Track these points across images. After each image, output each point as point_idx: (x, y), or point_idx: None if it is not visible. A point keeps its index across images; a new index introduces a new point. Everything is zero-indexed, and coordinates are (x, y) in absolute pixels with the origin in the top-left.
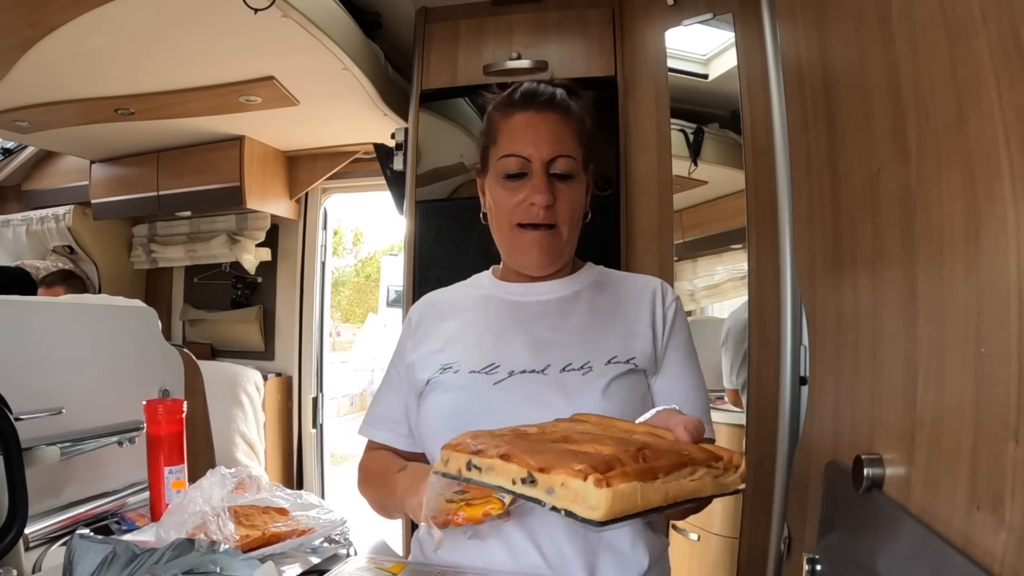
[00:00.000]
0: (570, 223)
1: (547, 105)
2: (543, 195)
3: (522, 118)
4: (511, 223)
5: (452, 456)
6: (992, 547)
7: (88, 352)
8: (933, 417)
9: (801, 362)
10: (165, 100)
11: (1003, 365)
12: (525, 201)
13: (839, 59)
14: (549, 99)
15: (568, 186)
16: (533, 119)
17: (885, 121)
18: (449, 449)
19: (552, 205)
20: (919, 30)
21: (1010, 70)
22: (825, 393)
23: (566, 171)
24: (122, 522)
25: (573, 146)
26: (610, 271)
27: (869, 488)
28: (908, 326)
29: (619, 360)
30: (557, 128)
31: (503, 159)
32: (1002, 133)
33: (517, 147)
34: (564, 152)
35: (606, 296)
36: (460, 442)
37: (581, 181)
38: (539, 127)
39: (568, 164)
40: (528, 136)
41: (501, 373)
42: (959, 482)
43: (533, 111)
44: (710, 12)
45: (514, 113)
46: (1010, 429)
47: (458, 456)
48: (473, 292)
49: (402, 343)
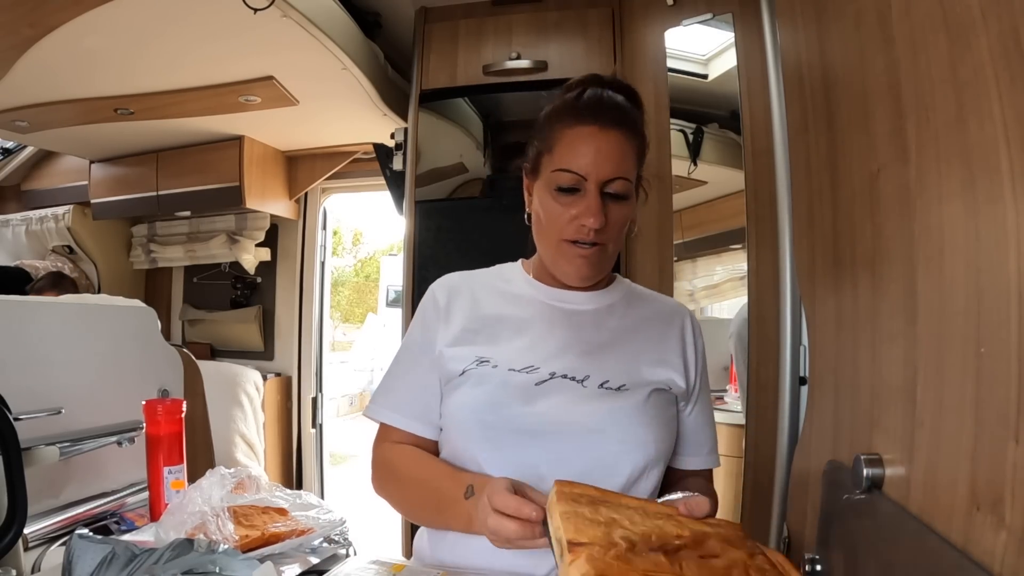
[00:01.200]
0: (616, 241)
1: (612, 122)
2: (596, 218)
3: (584, 132)
4: (559, 237)
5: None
6: (992, 547)
7: (87, 352)
8: (933, 417)
9: (801, 362)
10: (164, 100)
11: (1003, 365)
12: (576, 220)
13: (839, 59)
14: (615, 116)
15: (620, 206)
16: (595, 136)
17: (885, 121)
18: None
19: (603, 227)
20: (919, 30)
21: (1010, 70)
22: (825, 393)
23: (621, 192)
24: (121, 522)
25: (631, 167)
26: (637, 288)
27: (869, 488)
28: (908, 326)
29: (653, 383)
30: (619, 149)
31: (558, 172)
32: (1002, 133)
33: (575, 164)
34: (622, 174)
35: (636, 314)
36: (599, 537)
37: (633, 200)
38: (601, 146)
39: (624, 186)
40: (589, 154)
41: (542, 374)
42: (959, 482)
43: (597, 127)
44: (710, 12)
45: (576, 125)
46: (1010, 429)
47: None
48: (506, 287)
49: (429, 325)
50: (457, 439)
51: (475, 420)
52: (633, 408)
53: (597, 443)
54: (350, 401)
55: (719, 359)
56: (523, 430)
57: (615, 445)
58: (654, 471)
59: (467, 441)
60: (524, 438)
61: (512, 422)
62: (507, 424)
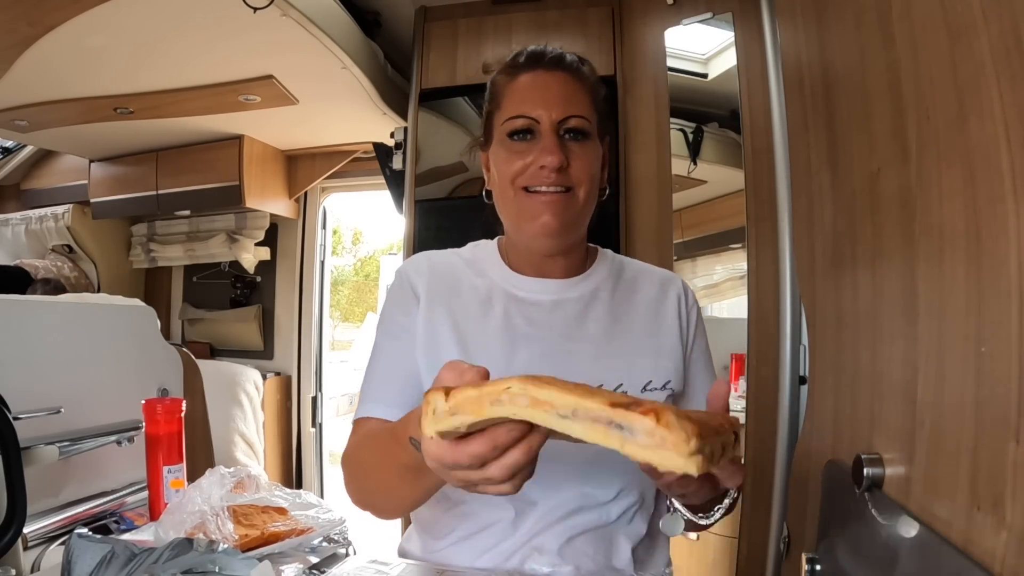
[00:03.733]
0: (587, 186)
1: (556, 64)
2: (554, 155)
3: (529, 78)
4: (517, 187)
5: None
6: (992, 547)
7: (87, 351)
8: (933, 417)
9: (801, 362)
10: (164, 99)
11: (1003, 364)
12: (533, 164)
13: (839, 58)
14: (558, 58)
15: (582, 146)
16: (541, 77)
17: (885, 120)
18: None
19: (565, 168)
20: (919, 29)
21: (1011, 69)
22: (825, 393)
23: (580, 128)
24: (121, 521)
25: (587, 108)
26: (625, 260)
27: (869, 488)
28: (908, 325)
29: (655, 387)
30: (568, 87)
31: (508, 121)
32: (1003, 132)
33: (524, 107)
34: (577, 112)
35: (625, 295)
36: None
37: (596, 146)
38: (549, 85)
39: (582, 123)
40: (536, 95)
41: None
42: (959, 482)
43: (541, 70)
44: (709, 11)
45: (519, 74)
46: (1011, 429)
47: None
48: (476, 279)
49: (407, 312)
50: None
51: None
52: None
53: (589, 475)
54: (350, 400)
55: (719, 359)
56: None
57: (608, 478)
58: (650, 496)
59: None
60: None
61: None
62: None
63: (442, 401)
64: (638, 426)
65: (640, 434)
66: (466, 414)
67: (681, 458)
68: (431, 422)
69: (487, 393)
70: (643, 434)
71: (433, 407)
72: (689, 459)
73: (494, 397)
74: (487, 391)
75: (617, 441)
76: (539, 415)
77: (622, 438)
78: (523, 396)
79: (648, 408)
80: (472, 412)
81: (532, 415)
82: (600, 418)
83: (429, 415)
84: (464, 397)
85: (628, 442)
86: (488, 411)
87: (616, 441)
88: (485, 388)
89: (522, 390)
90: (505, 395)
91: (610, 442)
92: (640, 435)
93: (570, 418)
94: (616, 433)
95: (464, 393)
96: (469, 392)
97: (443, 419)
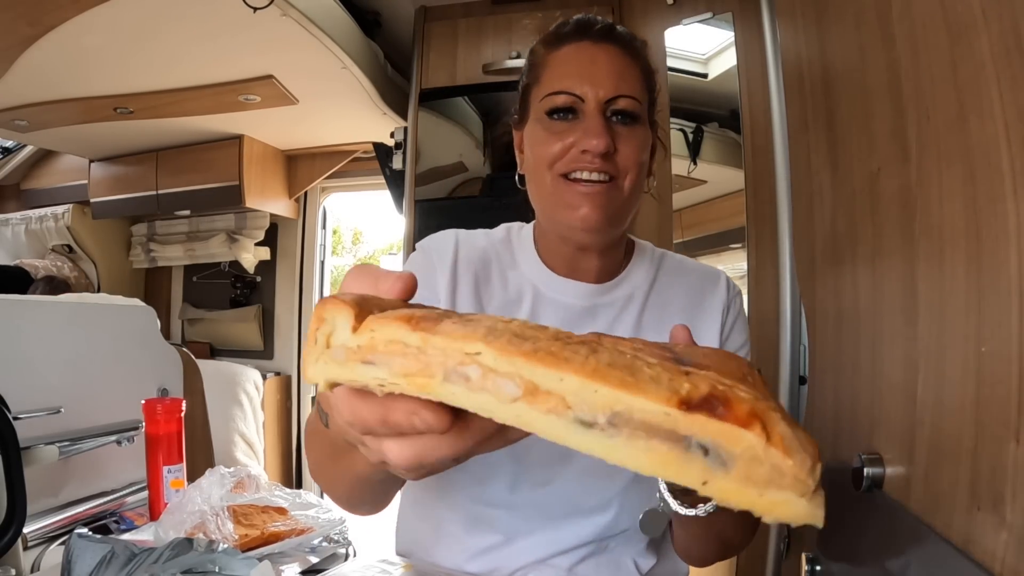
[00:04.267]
0: (634, 177)
1: (607, 36)
2: (600, 138)
3: (574, 49)
4: (554, 173)
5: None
6: (992, 547)
7: (87, 351)
8: (933, 417)
9: (801, 362)
10: (164, 99)
11: (1004, 364)
12: (575, 147)
13: (839, 58)
14: (608, 29)
15: (631, 131)
16: (588, 50)
17: (885, 120)
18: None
19: (611, 154)
20: (919, 29)
21: (1011, 69)
22: (825, 392)
23: (630, 111)
24: (121, 521)
25: (638, 88)
26: (666, 257)
27: (869, 488)
28: (908, 325)
29: None
30: (619, 63)
31: (548, 97)
32: (1003, 132)
33: (567, 83)
34: (627, 92)
35: (661, 300)
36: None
37: (647, 132)
38: (597, 59)
39: (633, 104)
40: (582, 70)
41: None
42: (959, 482)
43: (588, 41)
44: (709, 11)
45: (563, 45)
46: (1011, 429)
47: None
48: (508, 270)
49: (430, 287)
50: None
51: (464, 497)
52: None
53: (606, 517)
54: None
55: None
56: (514, 510)
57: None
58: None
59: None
60: (517, 521)
61: (502, 505)
62: (497, 511)
63: (347, 329)
64: (734, 447)
65: (738, 462)
66: (390, 373)
67: (802, 501)
68: (322, 360)
69: (439, 353)
70: (744, 462)
71: (329, 332)
72: (812, 500)
73: (452, 366)
74: (438, 347)
75: (698, 473)
76: (537, 419)
77: (706, 468)
78: (507, 378)
79: (745, 410)
80: (403, 375)
81: (522, 417)
82: (658, 429)
83: (318, 346)
84: (389, 337)
85: (717, 476)
86: (439, 390)
87: (696, 473)
88: (433, 340)
89: (507, 363)
90: (473, 367)
91: (684, 475)
92: (738, 463)
93: (599, 428)
94: (694, 459)
95: (390, 329)
96: (399, 332)
97: (344, 364)
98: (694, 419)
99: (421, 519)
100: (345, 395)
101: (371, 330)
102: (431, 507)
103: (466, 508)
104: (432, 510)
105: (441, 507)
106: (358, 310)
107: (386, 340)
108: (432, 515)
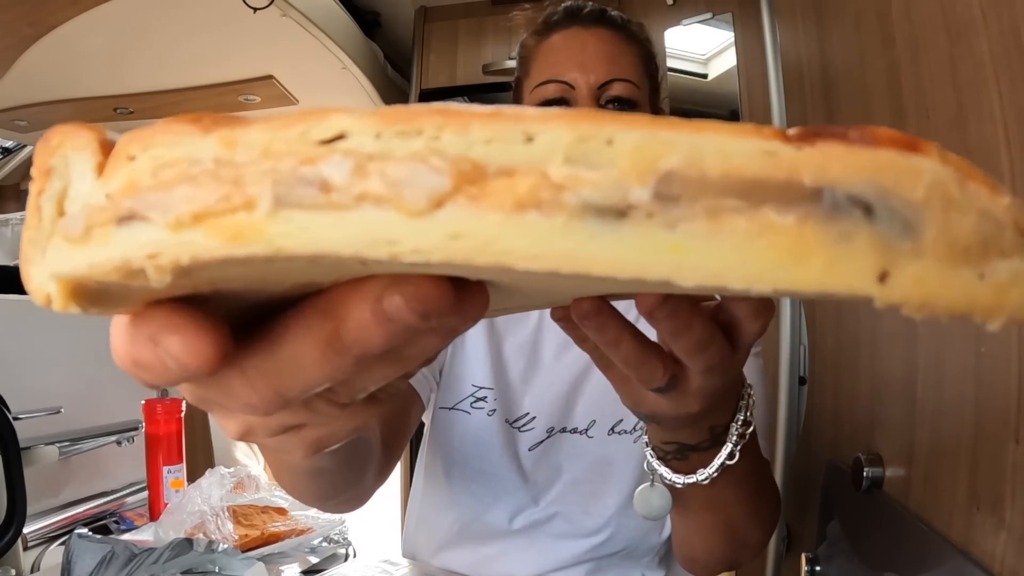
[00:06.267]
0: None
1: (597, 19)
2: None
3: (563, 37)
4: None
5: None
6: (992, 547)
7: (87, 351)
8: (933, 417)
9: (801, 362)
10: (164, 99)
11: (1003, 365)
12: None
13: (839, 58)
14: (598, 13)
15: None
16: (578, 36)
17: (885, 120)
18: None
19: None
20: (919, 29)
21: (1010, 70)
22: (825, 393)
23: (626, 96)
24: (121, 521)
25: (635, 71)
26: None
27: (869, 488)
28: (908, 326)
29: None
30: (610, 46)
31: (539, 88)
32: (1003, 132)
33: (556, 71)
34: (621, 75)
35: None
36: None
37: (647, 113)
38: (586, 44)
39: (629, 89)
40: (572, 56)
41: (537, 432)
42: (959, 482)
43: (578, 27)
44: (709, 12)
45: (552, 33)
46: (1010, 429)
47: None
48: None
49: None
50: (442, 456)
51: (460, 462)
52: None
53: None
54: None
55: None
56: (522, 518)
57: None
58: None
59: (449, 466)
60: (519, 539)
61: (500, 491)
62: (499, 521)
63: (89, 174)
64: (912, 188)
65: (931, 217)
66: (171, 223)
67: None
68: (53, 245)
69: (261, 158)
70: (938, 215)
71: (61, 190)
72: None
73: (290, 170)
74: (255, 147)
75: (870, 256)
76: (500, 234)
77: (880, 243)
78: (415, 162)
79: (891, 134)
80: (193, 217)
81: (465, 239)
82: (759, 187)
83: (45, 220)
84: (163, 159)
85: (905, 256)
86: (270, 229)
87: (865, 257)
88: (247, 137)
89: (405, 138)
90: (335, 160)
91: (844, 269)
92: (931, 221)
93: (642, 214)
94: (852, 229)
95: (163, 143)
96: (181, 142)
97: (87, 238)
98: (824, 151)
99: (426, 525)
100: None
101: (128, 157)
102: (436, 515)
103: (469, 525)
104: (439, 517)
105: (448, 517)
106: (103, 137)
107: (157, 166)
108: (436, 524)
